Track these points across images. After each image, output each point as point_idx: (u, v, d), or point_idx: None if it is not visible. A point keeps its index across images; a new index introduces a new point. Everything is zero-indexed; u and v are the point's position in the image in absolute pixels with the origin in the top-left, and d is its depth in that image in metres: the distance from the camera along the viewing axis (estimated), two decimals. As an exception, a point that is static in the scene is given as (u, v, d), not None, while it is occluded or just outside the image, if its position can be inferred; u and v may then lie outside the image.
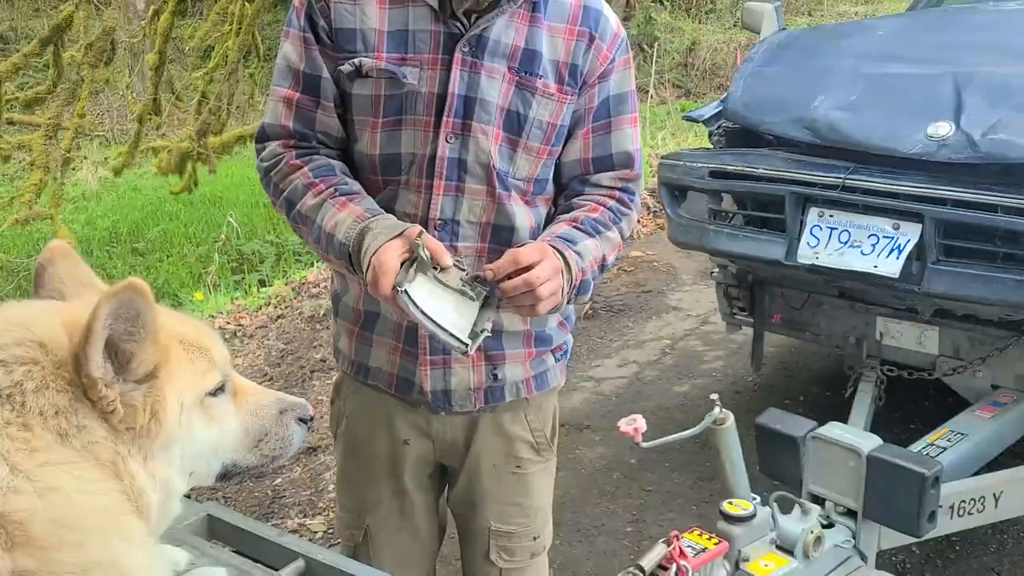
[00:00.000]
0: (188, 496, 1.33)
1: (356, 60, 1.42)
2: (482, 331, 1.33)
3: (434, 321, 1.30)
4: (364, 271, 1.34)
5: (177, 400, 1.07)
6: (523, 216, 1.51)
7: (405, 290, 1.29)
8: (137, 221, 8.63)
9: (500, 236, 1.49)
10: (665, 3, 16.99)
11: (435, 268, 1.32)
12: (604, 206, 1.55)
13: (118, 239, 8.25)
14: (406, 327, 1.53)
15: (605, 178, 1.57)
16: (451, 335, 1.31)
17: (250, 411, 1.21)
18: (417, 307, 1.29)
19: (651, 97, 10.23)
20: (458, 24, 1.41)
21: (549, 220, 1.57)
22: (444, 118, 1.43)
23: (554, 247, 1.41)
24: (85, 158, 10.98)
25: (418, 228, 1.34)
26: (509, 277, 1.33)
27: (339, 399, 1.73)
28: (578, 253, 1.45)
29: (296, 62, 1.47)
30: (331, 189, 1.43)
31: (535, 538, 1.73)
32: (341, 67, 1.44)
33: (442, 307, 1.32)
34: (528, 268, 1.33)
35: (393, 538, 1.69)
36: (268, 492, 3.32)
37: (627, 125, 1.56)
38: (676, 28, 15.58)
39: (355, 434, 1.69)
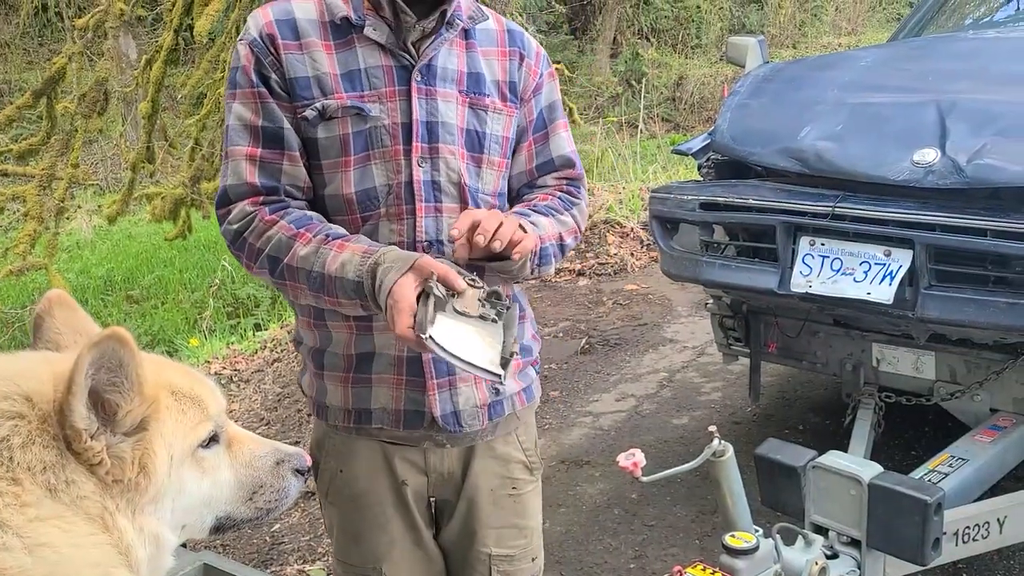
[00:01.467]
0: (183, 545, 1.31)
1: (318, 104, 1.47)
2: (511, 355, 1.35)
3: (464, 360, 1.31)
4: (384, 308, 1.36)
5: (167, 452, 1.05)
6: None
7: (430, 336, 1.29)
8: (132, 268, 8.64)
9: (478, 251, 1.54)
10: (652, 39, 17.22)
11: (452, 296, 1.34)
12: (553, 196, 1.65)
13: (113, 287, 8.24)
14: (407, 357, 1.54)
15: (550, 179, 1.67)
16: (484, 371, 1.32)
17: (245, 462, 1.18)
18: (445, 350, 1.30)
19: (641, 132, 10.31)
20: (406, 56, 1.49)
21: None
22: (413, 144, 1.49)
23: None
24: (79, 207, 11.02)
25: (427, 260, 1.37)
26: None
27: (325, 457, 1.66)
28: (533, 223, 1.54)
29: (252, 119, 1.49)
30: (321, 235, 1.44)
31: (533, 559, 1.75)
32: (304, 114, 1.47)
33: (469, 341, 1.33)
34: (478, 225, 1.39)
35: (409, 569, 1.68)
36: (266, 538, 3.28)
37: (561, 130, 1.68)
38: (663, 63, 15.78)
39: (353, 487, 1.64)
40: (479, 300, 1.36)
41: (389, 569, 1.66)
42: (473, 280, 1.38)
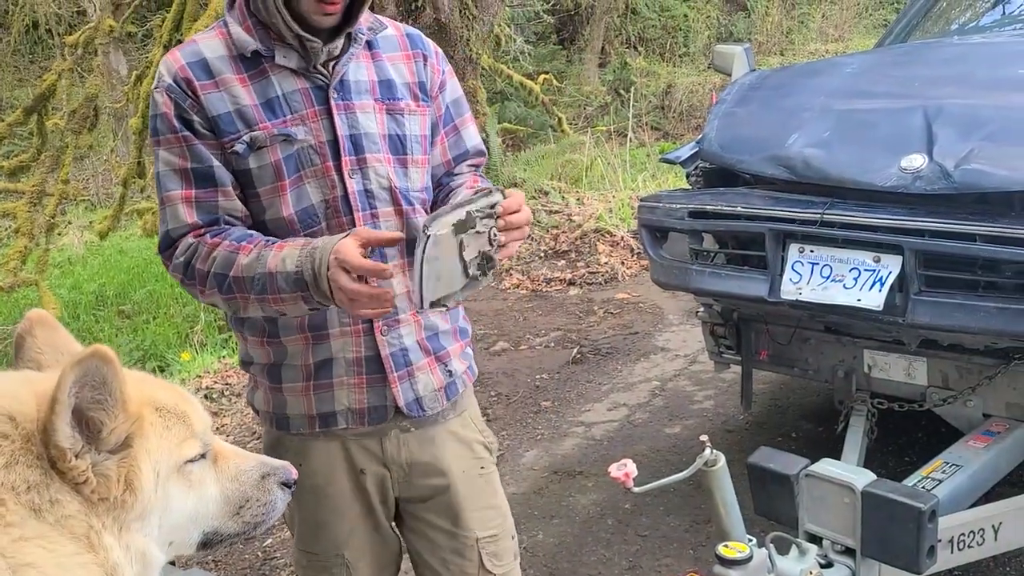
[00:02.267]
0: (172, 563, 1.30)
1: (245, 137, 1.52)
2: (443, 306, 1.43)
3: (421, 274, 1.35)
4: (326, 280, 1.40)
5: (153, 469, 1.05)
6: None
7: (430, 235, 1.34)
8: (123, 283, 8.61)
9: (395, 252, 1.61)
10: (639, 48, 17.29)
11: (470, 230, 1.40)
12: (478, 179, 1.78)
13: (104, 302, 8.21)
14: (365, 357, 1.61)
15: (464, 167, 1.80)
16: (420, 290, 1.36)
17: (231, 477, 1.18)
18: (423, 253, 1.34)
19: (630, 140, 10.33)
20: (319, 76, 1.56)
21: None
22: (343, 159, 1.56)
23: None
24: (70, 223, 10.99)
25: (362, 228, 1.48)
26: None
27: (283, 456, 1.65)
28: None
29: (180, 163, 1.54)
30: (262, 242, 1.51)
31: (513, 537, 1.84)
32: (234, 148, 1.53)
33: (435, 267, 1.37)
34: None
35: (370, 552, 1.74)
36: (258, 554, 3.26)
37: (469, 123, 1.80)
38: (651, 72, 15.83)
39: (312, 479, 1.68)
40: (479, 251, 1.42)
41: (350, 554, 1.72)
42: (494, 236, 1.43)
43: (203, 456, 1.15)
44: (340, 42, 1.57)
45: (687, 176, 3.39)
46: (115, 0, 7.51)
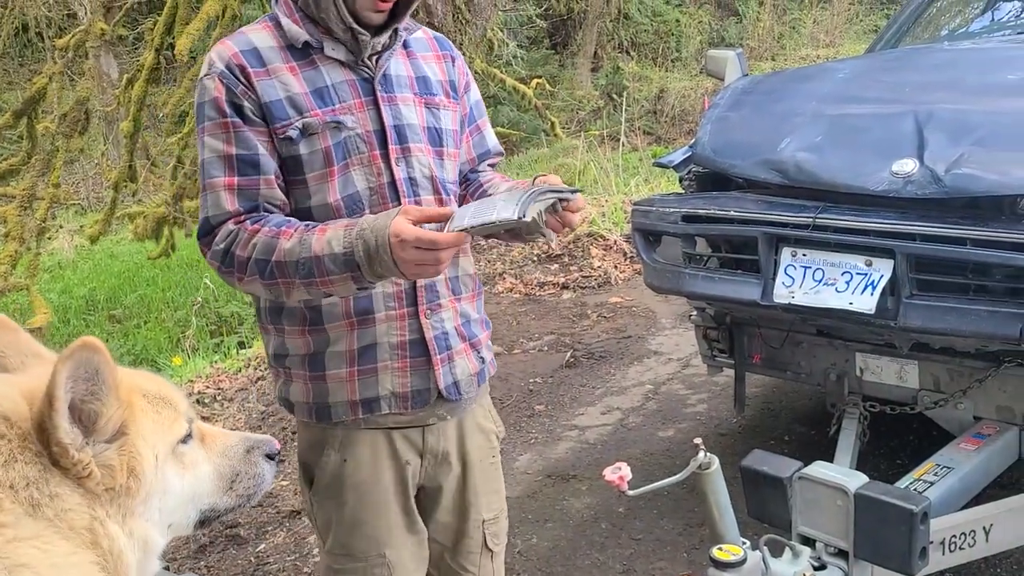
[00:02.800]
0: (167, 568, 1.31)
1: (298, 123, 1.58)
2: (477, 230, 1.46)
3: (489, 220, 1.42)
4: (389, 251, 1.44)
5: (152, 453, 1.08)
6: None
7: (525, 219, 1.42)
8: (114, 288, 8.59)
9: None
10: (632, 53, 17.34)
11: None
12: (502, 176, 1.91)
13: (95, 307, 8.19)
14: (409, 340, 1.65)
15: (485, 164, 1.92)
16: (508, 220, 1.42)
17: (219, 453, 1.23)
18: (500, 222, 1.42)
19: (622, 144, 10.35)
20: (365, 69, 1.64)
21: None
22: (390, 147, 1.63)
23: None
24: (61, 227, 10.95)
25: (409, 206, 1.53)
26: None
27: (326, 452, 1.71)
28: None
29: (226, 149, 1.57)
30: (301, 227, 1.53)
31: (506, 517, 1.93)
32: (288, 134, 1.58)
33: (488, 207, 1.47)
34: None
35: (407, 549, 1.76)
36: (251, 559, 3.25)
37: (488, 124, 1.93)
38: (644, 77, 15.88)
39: (357, 475, 1.69)
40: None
41: (392, 553, 1.73)
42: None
43: (191, 436, 1.19)
44: (386, 37, 1.65)
45: (680, 180, 3.40)
46: (106, 3, 7.50)
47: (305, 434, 1.76)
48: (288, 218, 1.58)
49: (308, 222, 1.56)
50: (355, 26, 1.59)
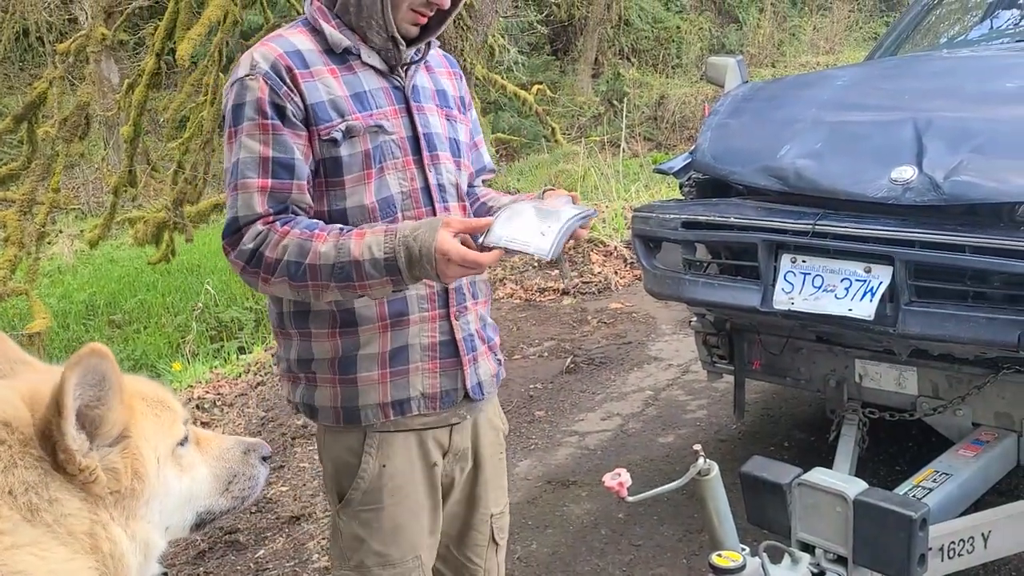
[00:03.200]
0: (165, 574, 1.32)
1: (342, 125, 1.61)
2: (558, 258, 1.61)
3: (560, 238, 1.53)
4: (432, 263, 1.49)
5: (153, 455, 1.10)
6: None
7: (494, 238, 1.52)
8: (114, 293, 8.59)
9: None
10: (633, 59, 17.38)
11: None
12: (501, 193, 1.97)
13: (95, 312, 8.19)
14: (439, 342, 1.70)
15: (480, 180, 1.97)
16: (555, 246, 1.53)
17: (216, 456, 1.25)
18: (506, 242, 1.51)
19: (623, 150, 10.37)
20: (397, 78, 1.70)
21: None
22: (424, 154, 1.69)
23: None
24: (60, 232, 10.96)
25: (449, 217, 1.61)
26: None
27: (366, 460, 1.70)
28: None
29: (263, 151, 1.59)
30: (335, 231, 1.57)
31: (508, 512, 1.99)
32: (332, 136, 1.61)
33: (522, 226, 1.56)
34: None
35: (432, 548, 1.80)
36: (251, 565, 3.25)
37: (483, 141, 1.98)
38: (644, 83, 15.91)
39: (395, 480, 1.71)
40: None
41: (425, 555, 1.77)
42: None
43: (187, 439, 1.20)
44: (421, 48, 1.73)
45: (680, 187, 3.41)
46: (107, 8, 7.52)
47: (335, 443, 1.73)
48: (316, 221, 1.60)
49: (340, 226, 1.59)
50: (397, 35, 1.65)
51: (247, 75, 1.60)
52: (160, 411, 1.14)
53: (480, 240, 1.52)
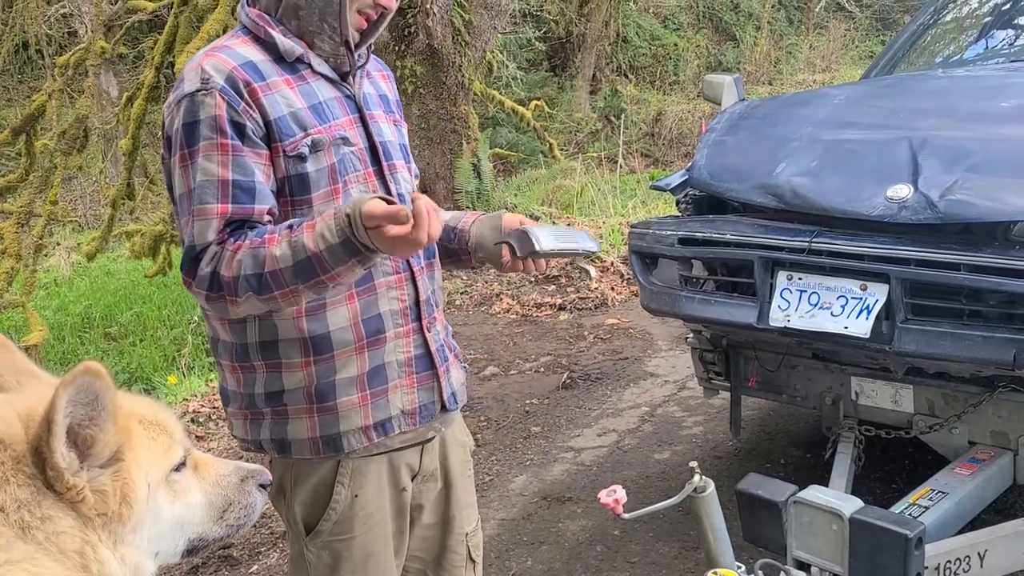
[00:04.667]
0: (160, 586, 1.30)
1: (308, 140, 1.53)
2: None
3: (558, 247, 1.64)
4: (368, 231, 1.38)
5: (144, 480, 1.08)
6: None
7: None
8: (110, 305, 8.57)
9: (428, 251, 1.69)
10: (630, 76, 17.46)
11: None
12: None
13: (91, 324, 8.17)
14: (415, 356, 1.66)
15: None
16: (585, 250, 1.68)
17: (212, 482, 1.22)
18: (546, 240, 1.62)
19: (620, 167, 10.41)
20: (346, 86, 1.63)
21: None
22: (383, 164, 1.64)
23: None
24: (58, 244, 10.96)
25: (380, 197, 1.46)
26: None
27: (338, 491, 1.62)
28: None
29: (222, 174, 1.47)
30: (284, 229, 1.45)
31: (480, 526, 1.93)
32: (299, 151, 1.52)
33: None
34: None
35: (399, 566, 1.76)
36: (244, 580, 3.23)
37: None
38: (642, 100, 15.99)
39: (367, 507, 1.65)
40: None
41: None
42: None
43: (185, 464, 1.18)
44: (363, 54, 1.67)
45: (677, 203, 3.42)
46: (107, 22, 7.54)
47: (306, 477, 1.64)
48: (264, 227, 1.48)
49: (291, 221, 1.47)
50: (351, 39, 1.57)
51: (199, 90, 1.47)
52: (157, 434, 1.12)
53: (533, 249, 1.58)
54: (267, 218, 1.52)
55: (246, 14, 1.59)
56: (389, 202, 1.40)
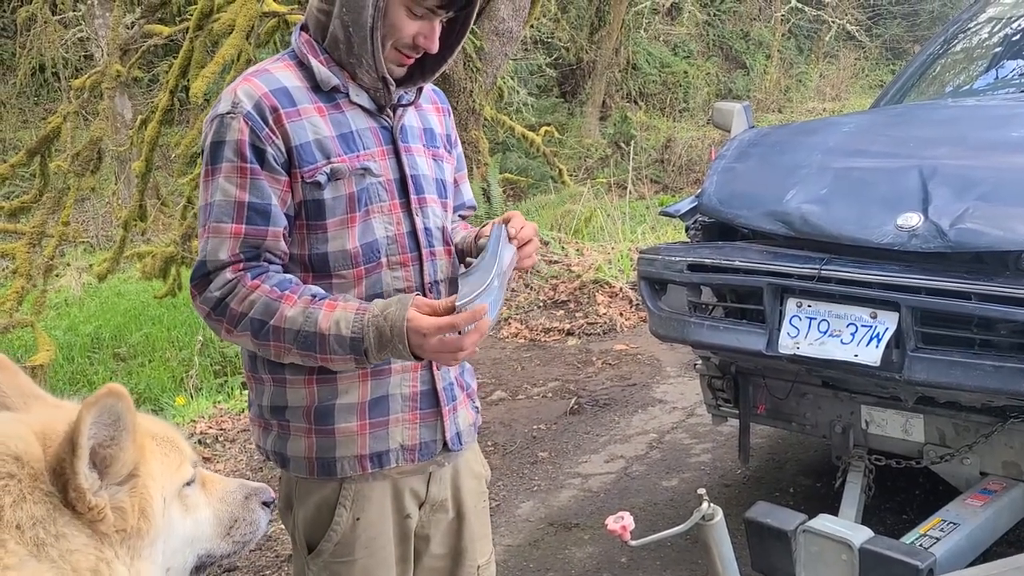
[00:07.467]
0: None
1: (327, 168, 1.56)
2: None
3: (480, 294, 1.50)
4: (405, 344, 1.45)
5: (160, 494, 1.10)
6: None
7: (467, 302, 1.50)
8: (120, 326, 8.61)
9: (454, 287, 1.66)
10: (640, 103, 17.56)
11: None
12: (467, 227, 1.91)
13: (100, 345, 8.20)
14: (421, 392, 1.65)
15: (458, 215, 1.92)
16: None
17: (219, 499, 1.25)
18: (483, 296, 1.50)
19: (629, 193, 10.44)
20: (385, 118, 1.65)
21: None
22: (412, 197, 1.65)
23: None
24: (68, 264, 11.02)
25: (419, 298, 1.52)
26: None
27: (339, 512, 1.64)
28: None
29: (239, 196, 1.53)
30: (306, 296, 1.51)
31: (494, 559, 1.91)
32: (316, 179, 1.55)
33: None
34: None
35: None
36: (249, 603, 3.21)
37: (466, 177, 1.94)
38: (652, 126, 16.07)
39: (368, 532, 1.65)
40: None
41: None
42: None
43: (193, 480, 1.20)
44: (413, 91, 1.69)
45: (686, 230, 3.42)
46: (123, 45, 7.64)
47: (308, 494, 1.66)
48: (290, 278, 1.55)
49: (315, 290, 1.53)
50: (388, 76, 1.60)
51: (228, 112, 1.53)
52: (169, 451, 1.15)
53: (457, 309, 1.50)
54: (281, 244, 1.57)
55: (296, 38, 1.64)
56: (432, 308, 1.47)
